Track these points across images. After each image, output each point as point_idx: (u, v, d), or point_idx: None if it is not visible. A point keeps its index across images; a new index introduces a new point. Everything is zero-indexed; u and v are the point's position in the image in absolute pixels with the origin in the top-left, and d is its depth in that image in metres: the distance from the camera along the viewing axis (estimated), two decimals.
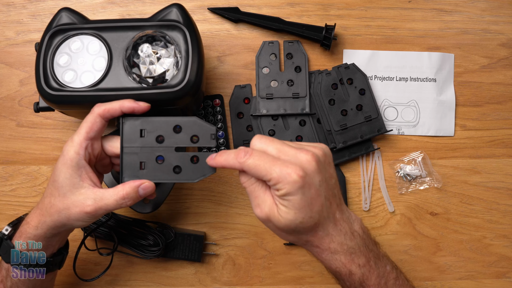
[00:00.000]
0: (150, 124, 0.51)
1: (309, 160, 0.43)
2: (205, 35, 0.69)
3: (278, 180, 0.42)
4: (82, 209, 0.48)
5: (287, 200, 0.43)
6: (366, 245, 0.47)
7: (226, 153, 0.47)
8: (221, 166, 0.47)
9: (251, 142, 0.46)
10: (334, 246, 0.46)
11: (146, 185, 0.50)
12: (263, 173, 0.43)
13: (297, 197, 0.43)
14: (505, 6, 0.71)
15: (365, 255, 0.47)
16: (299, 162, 0.43)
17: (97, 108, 0.50)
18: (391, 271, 0.49)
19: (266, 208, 0.45)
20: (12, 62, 0.68)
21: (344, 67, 0.68)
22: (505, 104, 0.70)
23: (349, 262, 0.46)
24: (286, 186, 0.42)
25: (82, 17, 0.55)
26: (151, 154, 0.51)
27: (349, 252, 0.46)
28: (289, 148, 0.44)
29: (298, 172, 0.42)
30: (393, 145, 0.69)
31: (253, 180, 0.46)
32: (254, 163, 0.44)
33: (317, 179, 0.44)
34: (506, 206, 0.69)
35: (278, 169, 0.43)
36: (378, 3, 0.70)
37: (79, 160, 0.49)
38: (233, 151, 0.46)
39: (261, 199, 0.45)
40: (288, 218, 0.44)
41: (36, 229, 0.50)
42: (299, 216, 0.43)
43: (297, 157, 0.44)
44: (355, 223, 0.48)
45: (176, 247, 0.65)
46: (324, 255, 0.47)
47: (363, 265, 0.47)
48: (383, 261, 0.49)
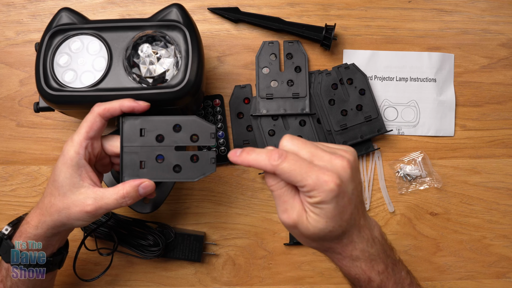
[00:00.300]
0: (150, 123, 0.51)
1: (345, 167, 0.41)
2: (205, 35, 0.69)
3: (313, 187, 0.40)
4: (82, 208, 0.48)
5: (319, 208, 0.41)
6: (385, 251, 0.46)
7: (255, 152, 0.43)
8: (247, 164, 0.43)
9: (281, 143, 0.43)
10: (356, 253, 0.44)
11: (146, 184, 0.50)
12: (298, 179, 0.40)
13: (330, 206, 0.41)
14: (505, 6, 0.71)
15: (384, 262, 0.46)
16: (335, 169, 0.41)
17: (97, 108, 0.50)
18: (406, 276, 0.48)
19: (295, 214, 0.42)
20: (12, 62, 0.68)
21: (344, 67, 0.68)
22: (505, 104, 0.70)
23: (369, 269, 0.45)
24: (322, 194, 0.40)
25: (82, 17, 0.55)
26: (151, 153, 0.51)
27: (370, 259, 0.45)
28: (323, 153, 0.42)
29: (335, 180, 0.40)
30: (393, 145, 0.69)
31: (283, 184, 0.43)
32: (289, 168, 0.41)
33: (351, 187, 0.42)
34: (506, 206, 0.69)
35: (315, 176, 0.40)
36: (378, 3, 0.70)
37: (79, 159, 0.49)
38: (264, 150, 0.42)
39: (290, 205, 0.43)
40: (318, 226, 0.42)
41: (36, 229, 0.50)
42: (329, 225, 0.42)
43: (332, 163, 0.41)
44: (375, 229, 0.46)
45: (176, 247, 0.65)
46: (345, 262, 0.45)
47: (382, 272, 0.46)
48: (399, 267, 0.48)
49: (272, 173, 0.42)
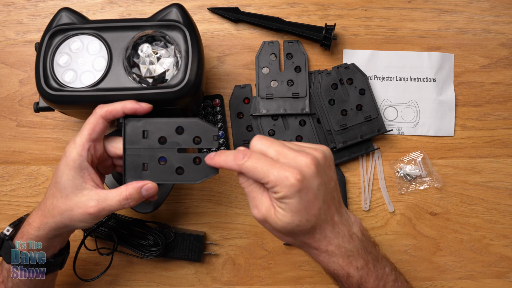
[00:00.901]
0: (152, 125, 0.51)
1: (308, 163, 0.43)
2: (205, 35, 0.69)
3: (275, 183, 0.42)
4: (85, 210, 0.48)
5: (284, 203, 0.43)
6: (365, 248, 0.47)
7: (225, 153, 0.46)
8: (219, 166, 0.47)
9: (251, 143, 0.46)
10: (332, 248, 0.46)
11: (149, 186, 0.50)
12: (261, 176, 0.43)
13: (294, 201, 0.43)
14: (505, 6, 0.71)
15: (363, 258, 0.47)
16: (298, 166, 0.43)
17: (99, 110, 0.50)
18: (390, 273, 0.49)
19: (263, 209, 0.45)
20: (12, 62, 0.68)
21: (344, 67, 0.68)
22: (505, 104, 0.70)
23: (347, 264, 0.46)
24: (284, 189, 0.42)
25: (82, 17, 0.55)
26: (153, 155, 0.51)
27: (347, 255, 0.46)
28: (288, 151, 0.44)
29: (296, 175, 0.42)
30: (393, 145, 0.69)
31: (251, 181, 0.45)
32: (252, 166, 0.43)
33: (316, 182, 0.43)
34: (506, 206, 0.69)
35: (276, 172, 0.42)
36: (378, 3, 0.70)
37: (82, 161, 0.49)
38: (232, 152, 0.46)
39: (259, 200, 0.45)
40: (285, 220, 0.44)
41: (38, 230, 0.50)
42: (295, 219, 0.43)
43: (296, 160, 0.43)
44: (354, 226, 0.47)
45: (176, 247, 0.65)
46: (322, 257, 0.47)
47: (361, 268, 0.47)
48: (382, 263, 0.49)
49: (239, 172, 0.45)
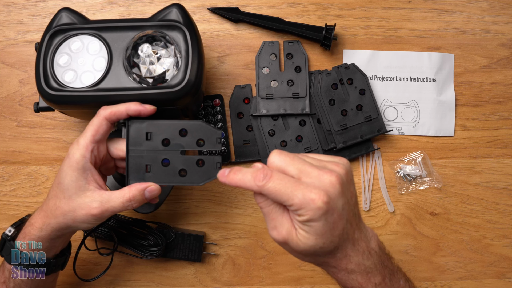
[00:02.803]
0: (156, 127, 0.51)
1: (334, 183, 0.40)
2: (205, 35, 0.69)
3: (300, 206, 0.39)
4: (88, 211, 0.48)
5: (308, 226, 0.40)
6: (382, 262, 0.46)
7: (241, 172, 0.42)
8: (235, 185, 0.42)
9: (269, 159, 0.42)
10: (352, 266, 0.44)
11: (152, 188, 0.50)
12: (284, 198, 0.40)
13: (319, 224, 0.40)
14: (505, 6, 0.71)
15: (381, 273, 0.45)
16: (323, 186, 0.40)
17: (103, 111, 0.50)
18: (404, 285, 0.48)
19: (284, 231, 0.42)
20: (12, 62, 0.68)
21: (344, 67, 0.68)
22: (505, 104, 0.70)
23: (366, 281, 0.45)
24: (309, 212, 0.39)
25: (82, 17, 0.55)
26: (156, 157, 0.51)
27: (366, 272, 0.44)
28: (311, 168, 0.41)
29: (322, 198, 0.39)
30: (393, 145, 0.69)
31: (270, 201, 0.42)
32: (274, 188, 0.40)
33: (341, 203, 0.41)
34: (506, 206, 0.69)
35: (301, 195, 0.39)
36: (378, 3, 0.70)
37: (85, 163, 0.49)
38: (250, 170, 0.42)
39: (279, 222, 0.42)
40: (308, 243, 0.41)
41: (40, 231, 0.50)
42: (320, 242, 0.41)
43: (321, 180, 0.40)
44: (372, 240, 0.45)
45: (176, 247, 0.65)
46: (341, 275, 0.45)
47: (379, 284, 0.45)
48: (397, 276, 0.48)
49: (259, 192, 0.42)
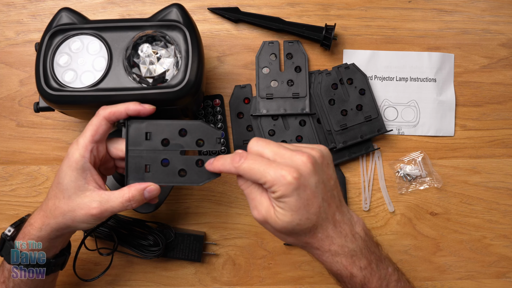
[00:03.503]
0: (156, 127, 0.51)
1: (305, 161, 0.43)
2: (205, 35, 0.69)
3: (272, 182, 0.43)
4: (87, 211, 0.48)
5: (283, 202, 0.43)
6: (368, 247, 0.47)
7: (223, 158, 0.47)
8: (219, 171, 0.48)
9: (248, 145, 0.46)
10: (335, 248, 0.46)
11: (151, 188, 0.50)
12: (258, 176, 0.44)
13: (292, 199, 0.43)
14: (505, 6, 0.71)
15: (366, 258, 0.47)
16: (294, 164, 0.43)
17: (103, 111, 0.50)
18: (392, 273, 0.49)
19: (263, 210, 0.45)
20: (12, 62, 0.68)
21: (344, 67, 0.68)
22: (505, 104, 0.70)
23: (350, 264, 0.46)
24: (281, 188, 0.42)
25: (82, 17, 0.55)
26: (156, 157, 0.51)
27: (350, 255, 0.46)
28: (285, 151, 0.45)
29: (292, 173, 0.42)
30: (393, 145, 0.69)
31: (250, 182, 0.46)
32: (248, 167, 0.44)
33: (313, 180, 0.44)
34: (506, 206, 0.69)
35: (273, 172, 0.43)
36: (378, 3, 0.70)
37: (85, 163, 0.49)
38: (230, 155, 0.46)
39: (258, 201, 0.45)
40: (285, 220, 0.44)
41: (39, 231, 0.50)
42: (295, 217, 0.44)
43: (293, 159, 0.44)
44: (356, 225, 0.47)
45: (176, 247, 0.65)
46: (325, 257, 0.47)
47: (364, 268, 0.46)
48: (385, 263, 0.49)
49: (237, 174, 0.46)
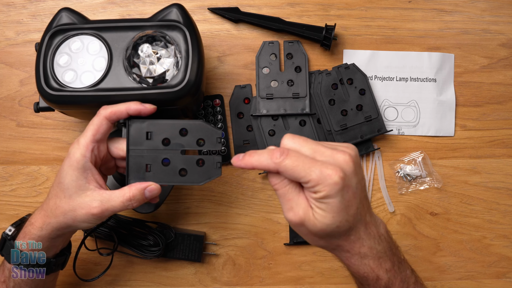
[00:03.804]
0: (156, 126, 0.51)
1: (347, 160, 0.41)
2: (205, 35, 0.69)
3: (317, 181, 0.40)
4: (88, 210, 0.48)
5: (325, 203, 0.41)
6: (391, 249, 0.46)
7: (257, 153, 0.43)
8: (251, 167, 0.43)
9: (282, 142, 0.43)
10: (364, 250, 0.44)
11: (152, 188, 0.50)
12: (302, 175, 0.40)
13: (336, 200, 0.40)
14: (505, 6, 0.71)
15: (390, 260, 0.46)
16: (338, 163, 0.41)
17: (103, 111, 0.50)
18: (411, 275, 0.48)
19: (301, 211, 0.42)
20: (12, 62, 0.68)
21: (344, 67, 0.68)
22: (505, 104, 0.70)
23: (377, 267, 0.45)
24: (326, 188, 0.40)
25: (82, 17, 0.55)
26: (157, 156, 0.51)
27: (378, 257, 0.45)
28: (324, 149, 0.42)
29: (339, 173, 0.40)
30: (393, 145, 0.69)
31: (286, 182, 0.43)
32: (292, 164, 0.41)
33: (355, 181, 0.42)
34: (506, 206, 0.69)
35: (318, 170, 0.40)
36: (378, 3, 0.70)
37: (86, 162, 0.49)
38: (265, 151, 0.43)
39: (295, 202, 0.42)
40: (325, 222, 0.41)
41: (40, 230, 0.50)
42: (336, 219, 0.41)
43: (335, 158, 0.41)
44: (381, 226, 0.46)
45: (176, 247, 0.65)
46: (354, 260, 0.45)
47: (389, 270, 0.45)
48: (404, 265, 0.48)
49: (275, 171, 0.42)
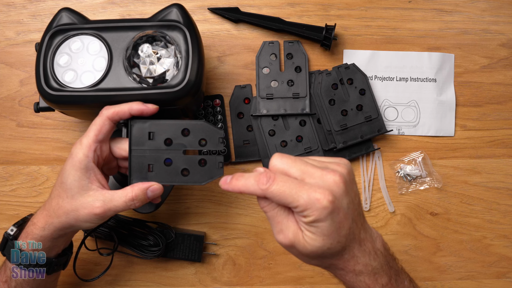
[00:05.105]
0: (158, 127, 0.51)
1: (337, 182, 0.40)
2: (205, 35, 0.69)
3: (306, 206, 0.39)
4: (91, 210, 0.48)
5: (314, 227, 0.40)
6: (388, 263, 0.46)
7: (243, 177, 0.42)
8: (238, 191, 0.42)
9: (271, 162, 0.42)
10: (359, 268, 0.43)
11: (154, 188, 0.50)
12: (289, 200, 0.39)
13: (326, 224, 0.39)
14: (505, 6, 0.71)
15: (387, 274, 0.45)
16: (327, 185, 0.40)
17: (106, 111, 0.50)
18: (409, 285, 0.48)
19: (290, 234, 0.41)
20: (12, 62, 0.68)
21: (344, 67, 0.68)
22: (505, 104, 0.70)
23: (373, 283, 0.44)
24: (315, 212, 0.39)
25: (82, 17, 0.55)
26: (159, 156, 0.51)
27: (373, 273, 0.44)
28: (313, 169, 0.41)
29: (328, 197, 0.39)
30: (393, 145, 0.69)
31: (274, 205, 0.42)
32: (278, 190, 0.40)
33: (346, 201, 0.40)
34: (506, 206, 0.69)
35: (306, 195, 0.39)
36: (378, 3, 0.70)
37: (88, 162, 0.49)
38: (252, 175, 0.41)
39: (284, 225, 0.42)
40: (315, 245, 0.41)
41: (43, 230, 0.50)
42: (327, 242, 0.40)
43: (324, 180, 0.40)
44: (377, 241, 0.45)
45: (176, 247, 0.65)
46: (348, 277, 0.44)
47: (385, 285, 0.45)
48: (402, 277, 0.48)
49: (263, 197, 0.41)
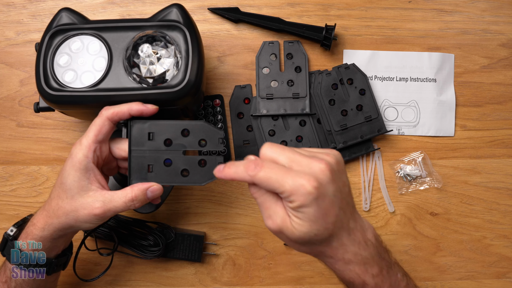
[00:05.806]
0: (158, 127, 0.51)
1: (323, 169, 0.41)
2: (205, 35, 0.69)
3: (291, 192, 0.40)
4: (90, 211, 0.48)
5: (301, 212, 0.41)
6: (379, 254, 0.46)
7: (234, 165, 0.44)
8: (230, 178, 0.44)
9: (261, 151, 0.43)
10: (348, 256, 0.44)
11: (154, 188, 0.50)
12: (275, 186, 0.41)
13: (311, 209, 0.41)
14: (505, 6, 0.71)
15: (378, 265, 0.46)
16: (313, 172, 0.41)
17: (106, 111, 0.50)
18: (401, 278, 0.48)
19: (278, 219, 0.42)
20: (12, 62, 0.68)
21: (344, 67, 0.68)
22: (505, 104, 0.70)
23: (363, 272, 0.45)
24: (300, 198, 0.40)
25: (82, 17, 0.55)
26: (159, 157, 0.51)
27: (363, 262, 0.45)
28: (301, 157, 0.42)
29: (312, 183, 0.40)
30: (393, 145, 0.69)
31: (263, 191, 0.43)
32: (265, 176, 0.41)
33: (331, 189, 0.41)
34: (506, 206, 0.69)
35: (291, 181, 0.40)
36: (378, 3, 0.70)
37: (88, 163, 0.49)
38: (242, 162, 0.43)
39: (273, 211, 0.43)
40: (302, 230, 0.42)
41: (42, 231, 0.50)
42: (313, 228, 0.41)
43: (310, 167, 0.41)
44: (368, 231, 0.46)
45: (176, 247, 0.65)
46: (338, 266, 0.45)
47: (376, 275, 0.45)
48: (395, 269, 0.48)
49: (252, 183, 0.43)
